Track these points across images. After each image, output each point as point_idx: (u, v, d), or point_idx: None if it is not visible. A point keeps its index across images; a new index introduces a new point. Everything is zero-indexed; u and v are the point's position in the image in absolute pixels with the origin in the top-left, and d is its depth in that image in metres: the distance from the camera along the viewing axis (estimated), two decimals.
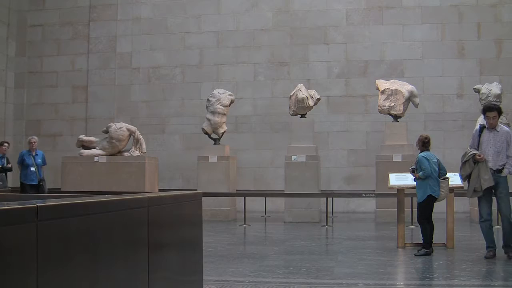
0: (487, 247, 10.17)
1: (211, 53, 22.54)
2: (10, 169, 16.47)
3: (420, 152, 11.23)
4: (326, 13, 22.11)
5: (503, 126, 10.56)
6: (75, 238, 3.18)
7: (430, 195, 10.90)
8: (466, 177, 10.20)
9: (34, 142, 16.52)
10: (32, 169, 16.17)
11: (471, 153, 10.09)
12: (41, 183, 16.16)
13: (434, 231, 11.08)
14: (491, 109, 10.28)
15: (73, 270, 3.13)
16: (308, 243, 12.79)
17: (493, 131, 10.22)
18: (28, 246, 2.80)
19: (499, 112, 10.31)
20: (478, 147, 10.25)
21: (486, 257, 9.99)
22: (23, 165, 16.30)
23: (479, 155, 9.93)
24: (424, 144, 11.26)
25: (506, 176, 10.15)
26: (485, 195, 10.05)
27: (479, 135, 10.31)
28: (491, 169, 9.97)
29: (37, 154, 16.44)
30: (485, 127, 10.33)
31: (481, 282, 8.15)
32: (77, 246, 3.19)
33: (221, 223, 16.78)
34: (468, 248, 11.60)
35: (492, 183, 9.89)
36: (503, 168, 10.10)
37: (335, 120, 21.58)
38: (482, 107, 10.94)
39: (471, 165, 10.01)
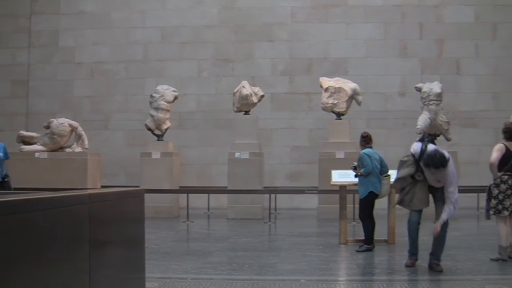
0: (411, 253, 9.04)
1: (156, 48, 22.36)
2: None
3: (362, 149, 11.35)
4: (271, 11, 22.16)
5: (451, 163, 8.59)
6: (12, 236, 3.12)
7: (372, 191, 11.03)
8: (401, 186, 9.09)
9: None
10: None
11: (409, 173, 8.82)
12: (5, 179, 13.67)
13: (376, 227, 11.22)
14: (438, 167, 8.40)
15: (10, 270, 3.07)
16: (251, 240, 12.81)
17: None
18: None
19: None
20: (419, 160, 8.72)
21: (407, 265, 8.94)
22: None
23: (419, 176, 8.76)
24: (366, 141, 11.37)
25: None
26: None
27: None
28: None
29: None
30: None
31: (421, 277, 8.29)
32: (14, 245, 3.13)
33: (164, 220, 16.67)
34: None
35: (424, 206, 8.93)
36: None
37: (278, 117, 21.66)
38: (427, 160, 8.52)
39: (407, 180, 8.89)
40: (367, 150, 11.21)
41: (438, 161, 8.32)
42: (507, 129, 9.89)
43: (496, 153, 9.56)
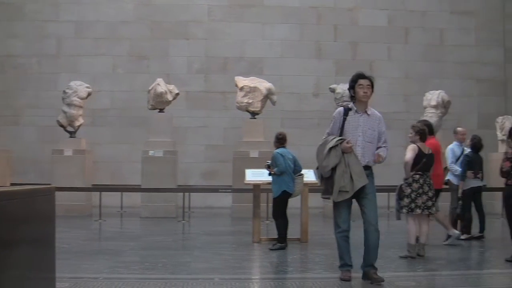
0: (345, 265, 7.87)
1: (70, 43, 21.87)
2: None
3: (276, 149, 11.44)
4: (188, 8, 22.07)
5: (374, 110, 8.10)
6: None
7: (285, 190, 11.13)
8: (328, 171, 7.67)
9: None
10: None
11: (337, 138, 7.69)
12: None
13: (289, 226, 11.33)
14: (365, 77, 7.89)
15: None
16: (165, 239, 12.75)
17: (363, 114, 7.87)
18: None
19: (372, 85, 7.92)
20: (340, 135, 7.77)
21: (342, 279, 7.80)
22: None
23: (349, 142, 7.61)
24: (279, 140, 11.47)
25: (373, 174, 7.96)
26: (345, 200, 7.75)
27: (344, 119, 7.83)
28: None
29: None
30: (350, 109, 7.89)
31: (333, 275, 8.39)
32: None
33: (76, 218, 16.33)
34: (321, 242, 11.97)
35: (366, 181, 7.65)
36: (370, 167, 7.87)
37: (193, 116, 21.58)
38: (353, 75, 7.98)
39: (338, 154, 7.57)
40: (280, 150, 11.31)
41: (364, 73, 8.00)
42: (421, 130, 10.24)
43: (410, 152, 9.87)
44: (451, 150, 12.77)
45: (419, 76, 21.62)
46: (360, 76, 7.89)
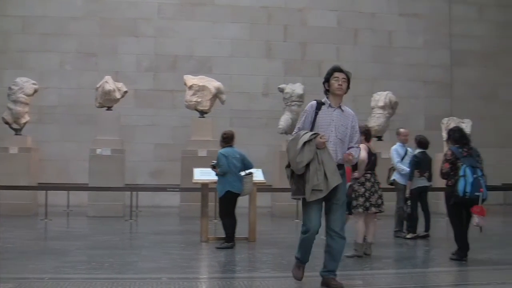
0: (302, 261, 7.55)
1: (16, 38, 21.46)
2: None
3: (221, 148, 11.43)
4: (138, 5, 21.91)
5: (348, 107, 7.77)
6: None
7: (229, 190, 11.12)
8: (302, 167, 7.11)
9: None
10: None
11: (311, 133, 7.21)
12: None
13: (237, 225, 11.34)
14: (342, 70, 7.66)
15: None
16: (112, 238, 12.66)
17: (336, 109, 7.50)
18: None
19: (349, 81, 7.67)
20: (311, 130, 7.32)
21: (296, 277, 7.57)
22: None
23: (322, 137, 7.15)
24: (225, 140, 11.46)
25: (345, 174, 7.65)
26: (317, 200, 7.23)
27: (316, 113, 7.43)
28: None
29: None
30: (323, 103, 7.51)
31: (281, 274, 8.45)
32: None
33: (21, 217, 16.01)
34: (269, 241, 12.02)
35: (340, 180, 7.24)
36: (343, 166, 7.52)
37: (142, 114, 21.45)
38: (329, 69, 7.77)
39: (312, 149, 7.08)
40: (224, 150, 11.29)
41: (336, 66, 7.75)
42: (366, 131, 10.44)
43: (364, 151, 9.99)
44: (395, 151, 13.00)
45: (367, 77, 21.85)
46: (336, 69, 7.64)
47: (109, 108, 18.05)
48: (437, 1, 23.65)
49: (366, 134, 10.41)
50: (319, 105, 7.45)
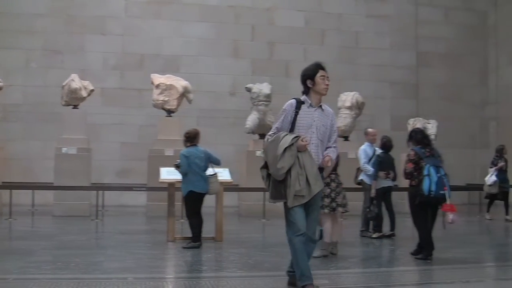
0: (304, 276, 6.86)
1: None
2: None
3: (185, 148, 11.38)
4: (105, 3, 21.80)
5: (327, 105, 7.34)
6: None
7: (192, 190, 11.09)
8: (283, 174, 6.70)
9: None
10: None
11: (292, 136, 6.78)
12: None
13: (204, 225, 11.32)
14: (324, 68, 7.38)
15: None
16: (78, 238, 12.56)
17: (317, 109, 7.12)
18: None
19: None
20: (291, 131, 6.95)
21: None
22: None
23: (303, 140, 6.75)
24: (188, 139, 11.40)
25: (323, 177, 7.20)
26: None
27: (296, 113, 7.02)
28: None
29: None
30: (303, 102, 7.10)
31: (247, 274, 8.47)
32: None
33: None
34: (236, 241, 12.04)
35: (322, 185, 6.99)
36: (323, 169, 7.09)
37: (108, 113, 21.32)
38: (311, 65, 7.47)
39: (293, 153, 6.68)
40: (186, 150, 11.24)
41: (318, 63, 7.46)
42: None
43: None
44: (363, 151, 13.06)
45: (334, 77, 21.47)
46: (320, 66, 7.27)
47: (75, 107, 17.91)
48: (403, 3, 23.92)
49: None
50: (299, 104, 7.04)
